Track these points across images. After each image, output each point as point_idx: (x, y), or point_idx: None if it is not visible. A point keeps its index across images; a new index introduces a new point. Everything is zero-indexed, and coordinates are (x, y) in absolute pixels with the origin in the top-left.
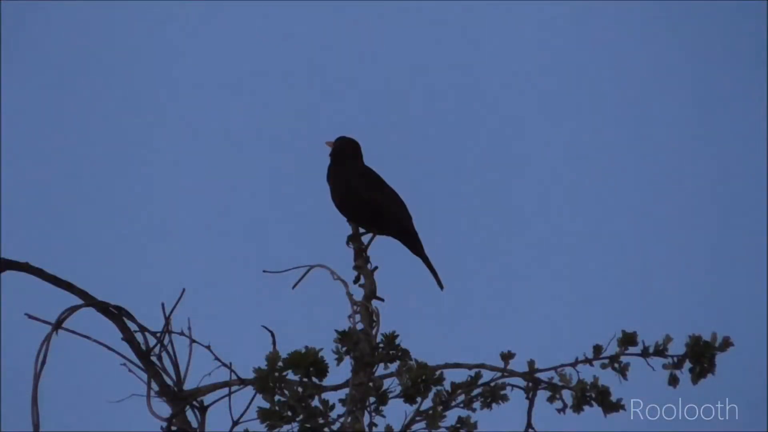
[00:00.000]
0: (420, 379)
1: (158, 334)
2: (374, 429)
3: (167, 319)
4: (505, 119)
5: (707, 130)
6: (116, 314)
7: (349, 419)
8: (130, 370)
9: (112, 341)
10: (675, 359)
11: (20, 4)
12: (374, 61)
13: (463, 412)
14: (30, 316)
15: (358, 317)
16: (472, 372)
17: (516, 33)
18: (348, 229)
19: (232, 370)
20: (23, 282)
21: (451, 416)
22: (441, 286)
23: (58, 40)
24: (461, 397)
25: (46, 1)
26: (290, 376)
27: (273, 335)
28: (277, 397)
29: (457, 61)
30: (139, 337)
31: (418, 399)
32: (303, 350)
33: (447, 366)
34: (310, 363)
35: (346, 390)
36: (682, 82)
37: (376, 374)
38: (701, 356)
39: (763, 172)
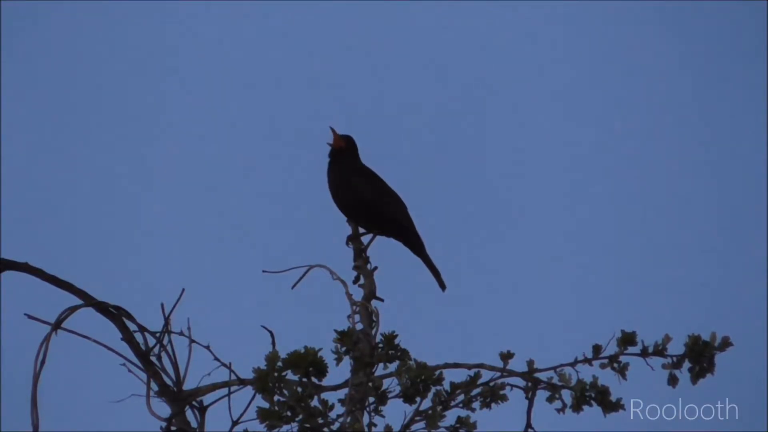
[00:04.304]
0: (419, 379)
1: (158, 334)
2: (374, 429)
3: (167, 319)
4: (505, 119)
5: (707, 131)
6: (116, 314)
7: (348, 419)
8: (129, 370)
9: (112, 341)
10: (674, 359)
11: (20, 4)
12: (375, 61)
13: (463, 412)
14: (30, 316)
15: (357, 317)
16: (472, 372)
17: (516, 33)
18: (348, 229)
19: (231, 370)
20: (23, 282)
21: (451, 416)
22: (443, 287)
23: (58, 40)
24: (461, 397)
25: (46, 1)
26: (290, 376)
27: (272, 335)
28: (276, 397)
29: (458, 60)
30: (138, 337)
31: (418, 399)
32: (302, 350)
33: (446, 366)
34: (309, 363)
35: (346, 390)
36: (682, 82)
37: (376, 374)
38: (701, 356)
39: (763, 172)
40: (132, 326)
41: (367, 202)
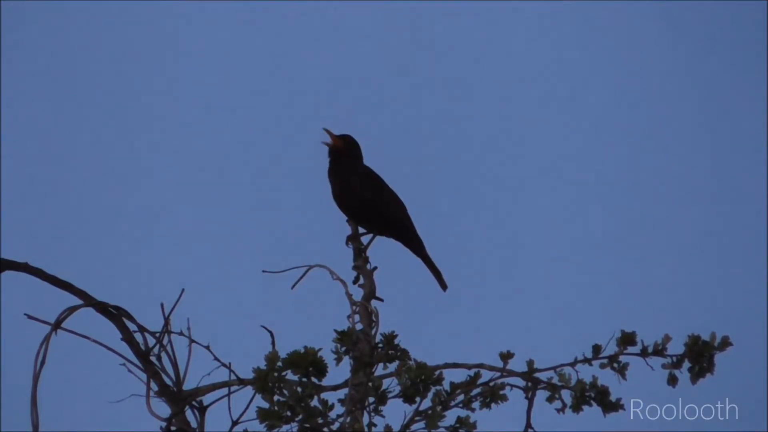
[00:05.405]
0: (419, 379)
1: (157, 335)
2: (373, 429)
3: (166, 320)
4: (506, 119)
5: (707, 131)
6: (116, 314)
7: (348, 419)
8: (129, 370)
9: (112, 341)
10: (674, 359)
11: (20, 4)
12: (375, 61)
13: (463, 412)
14: (29, 317)
15: (357, 317)
16: (472, 372)
17: (516, 33)
18: (348, 229)
19: (231, 370)
20: (23, 282)
21: (451, 416)
22: (444, 287)
23: (58, 40)
24: (460, 397)
25: (46, 1)
26: (289, 376)
27: (272, 335)
28: (276, 397)
29: (458, 60)
30: (138, 337)
31: (418, 399)
32: (302, 350)
33: (446, 366)
34: (309, 363)
35: (346, 390)
36: (682, 82)
37: (376, 374)
38: (700, 356)
39: (763, 171)
40: (132, 326)
41: (367, 202)
